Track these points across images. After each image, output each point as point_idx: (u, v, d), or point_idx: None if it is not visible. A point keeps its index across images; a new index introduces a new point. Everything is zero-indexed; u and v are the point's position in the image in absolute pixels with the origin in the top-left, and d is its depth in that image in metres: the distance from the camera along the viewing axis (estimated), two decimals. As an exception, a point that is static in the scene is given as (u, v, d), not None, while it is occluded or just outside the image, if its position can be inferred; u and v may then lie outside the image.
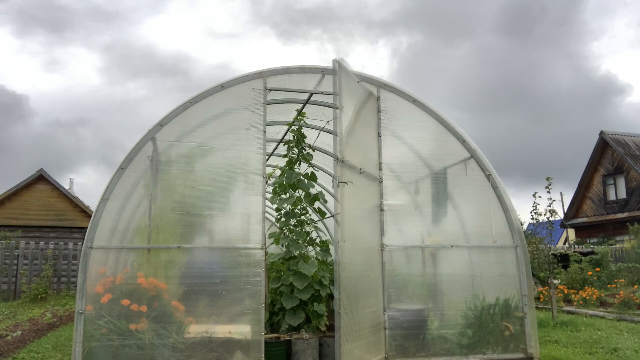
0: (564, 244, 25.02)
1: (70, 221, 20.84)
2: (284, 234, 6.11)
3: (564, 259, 14.01)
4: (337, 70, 4.86)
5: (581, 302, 10.78)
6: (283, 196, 6.19)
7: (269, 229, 9.00)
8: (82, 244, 4.88)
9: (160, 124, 5.06)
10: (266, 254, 5.35)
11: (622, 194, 24.57)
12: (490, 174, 5.69)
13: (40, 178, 20.93)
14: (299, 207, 6.19)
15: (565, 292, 11.55)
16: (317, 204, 6.33)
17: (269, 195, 6.35)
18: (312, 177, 6.32)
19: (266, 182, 5.38)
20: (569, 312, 9.80)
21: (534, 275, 11.16)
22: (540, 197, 9.05)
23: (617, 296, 10.41)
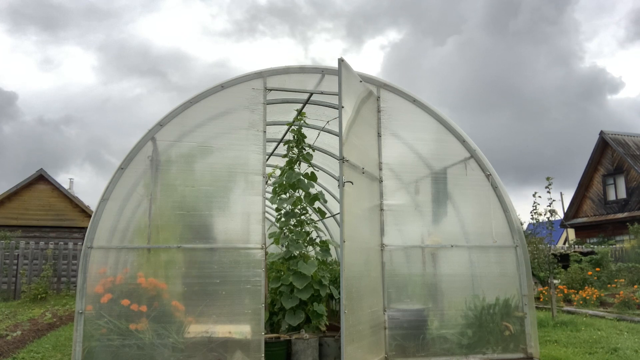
0: (564, 244, 25.03)
1: (70, 221, 20.84)
2: (284, 234, 6.11)
3: (564, 259, 14.01)
4: (342, 69, 4.85)
5: (581, 302, 10.78)
6: (283, 196, 6.19)
7: (269, 229, 9.00)
8: (82, 244, 4.88)
9: (160, 124, 5.06)
10: (266, 254, 5.35)
11: (622, 194, 24.58)
12: (490, 174, 5.69)
13: (40, 178, 20.93)
14: (299, 207, 6.19)
15: (565, 292, 11.55)
16: (317, 204, 6.33)
17: (269, 195, 6.35)
18: (312, 177, 6.32)
19: (266, 182, 5.38)
20: (569, 312, 9.80)
21: (534, 275, 11.16)
22: (540, 197, 9.06)
23: (617, 296, 10.41)
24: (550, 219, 9.20)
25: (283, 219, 6.13)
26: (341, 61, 4.83)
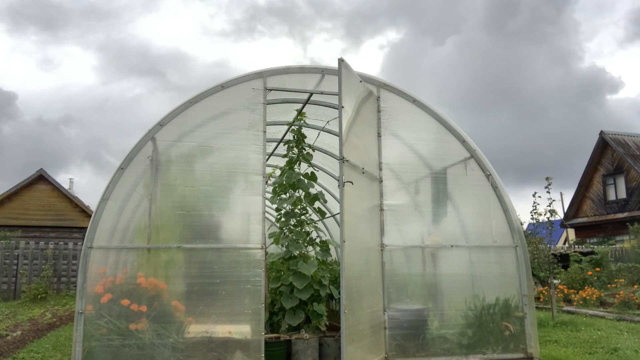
0: (564, 244, 25.03)
1: (70, 221, 20.84)
2: (284, 234, 6.11)
3: (564, 259, 14.01)
4: (342, 69, 4.85)
5: (581, 302, 10.78)
6: (283, 196, 6.19)
7: (269, 229, 9.00)
8: (82, 244, 4.88)
9: (160, 124, 5.06)
10: (266, 254, 5.35)
11: (622, 194, 24.57)
12: (490, 174, 5.69)
13: (40, 178, 20.93)
14: (299, 207, 6.19)
15: (565, 292, 11.55)
16: (317, 204, 6.32)
17: (269, 195, 6.35)
18: (312, 177, 6.32)
19: (266, 182, 5.38)
20: (569, 312, 9.80)
21: (534, 275, 11.16)
22: (540, 197, 9.06)
23: (617, 296, 10.41)
24: (550, 219, 9.20)
25: (283, 219, 6.13)
26: (341, 61, 4.83)
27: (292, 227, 6.13)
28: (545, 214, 9.09)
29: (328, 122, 6.59)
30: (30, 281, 12.96)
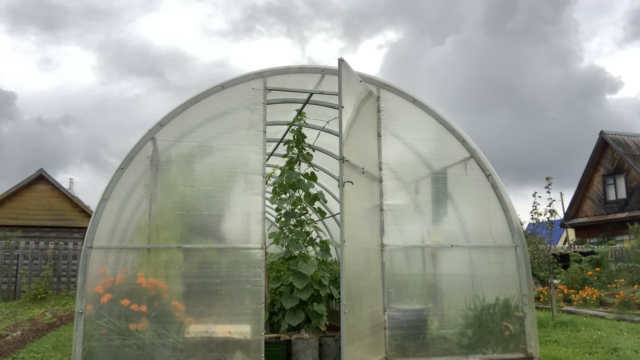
0: (564, 244, 25.03)
1: (70, 221, 20.85)
2: (284, 234, 6.11)
3: (564, 259, 14.01)
4: (342, 69, 4.84)
5: (581, 302, 10.78)
6: (283, 196, 6.19)
7: (269, 229, 9.00)
8: (82, 244, 4.89)
9: (160, 124, 5.07)
10: (266, 254, 5.35)
11: (622, 194, 24.58)
12: (490, 174, 5.69)
13: (40, 178, 20.95)
14: (299, 207, 6.19)
15: (565, 292, 11.55)
16: (317, 204, 6.33)
17: (269, 195, 6.35)
18: (312, 177, 6.32)
19: (266, 182, 5.38)
20: (569, 312, 9.80)
21: (534, 275, 11.16)
22: (540, 197, 9.06)
23: (617, 296, 10.41)
24: (550, 219, 9.20)
25: (283, 219, 6.13)
26: (341, 61, 4.83)
27: (292, 227, 6.13)
28: (545, 214, 9.10)
29: (328, 122, 6.59)
30: (30, 281, 12.96)
